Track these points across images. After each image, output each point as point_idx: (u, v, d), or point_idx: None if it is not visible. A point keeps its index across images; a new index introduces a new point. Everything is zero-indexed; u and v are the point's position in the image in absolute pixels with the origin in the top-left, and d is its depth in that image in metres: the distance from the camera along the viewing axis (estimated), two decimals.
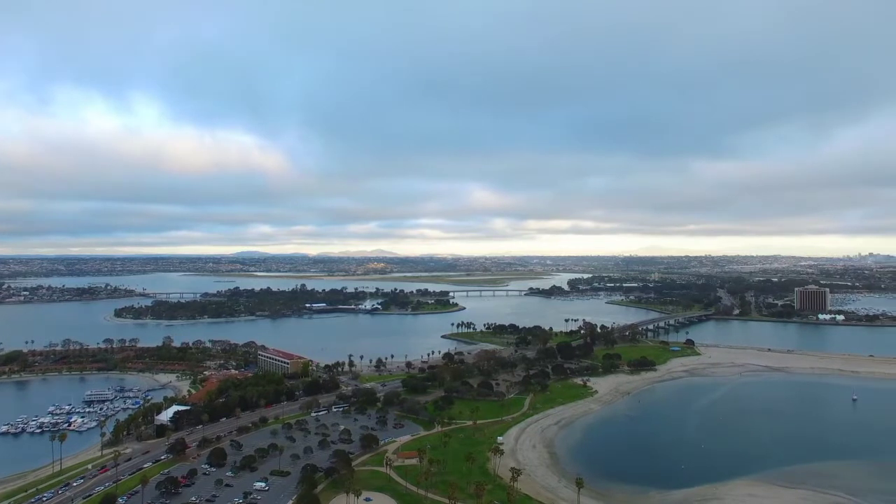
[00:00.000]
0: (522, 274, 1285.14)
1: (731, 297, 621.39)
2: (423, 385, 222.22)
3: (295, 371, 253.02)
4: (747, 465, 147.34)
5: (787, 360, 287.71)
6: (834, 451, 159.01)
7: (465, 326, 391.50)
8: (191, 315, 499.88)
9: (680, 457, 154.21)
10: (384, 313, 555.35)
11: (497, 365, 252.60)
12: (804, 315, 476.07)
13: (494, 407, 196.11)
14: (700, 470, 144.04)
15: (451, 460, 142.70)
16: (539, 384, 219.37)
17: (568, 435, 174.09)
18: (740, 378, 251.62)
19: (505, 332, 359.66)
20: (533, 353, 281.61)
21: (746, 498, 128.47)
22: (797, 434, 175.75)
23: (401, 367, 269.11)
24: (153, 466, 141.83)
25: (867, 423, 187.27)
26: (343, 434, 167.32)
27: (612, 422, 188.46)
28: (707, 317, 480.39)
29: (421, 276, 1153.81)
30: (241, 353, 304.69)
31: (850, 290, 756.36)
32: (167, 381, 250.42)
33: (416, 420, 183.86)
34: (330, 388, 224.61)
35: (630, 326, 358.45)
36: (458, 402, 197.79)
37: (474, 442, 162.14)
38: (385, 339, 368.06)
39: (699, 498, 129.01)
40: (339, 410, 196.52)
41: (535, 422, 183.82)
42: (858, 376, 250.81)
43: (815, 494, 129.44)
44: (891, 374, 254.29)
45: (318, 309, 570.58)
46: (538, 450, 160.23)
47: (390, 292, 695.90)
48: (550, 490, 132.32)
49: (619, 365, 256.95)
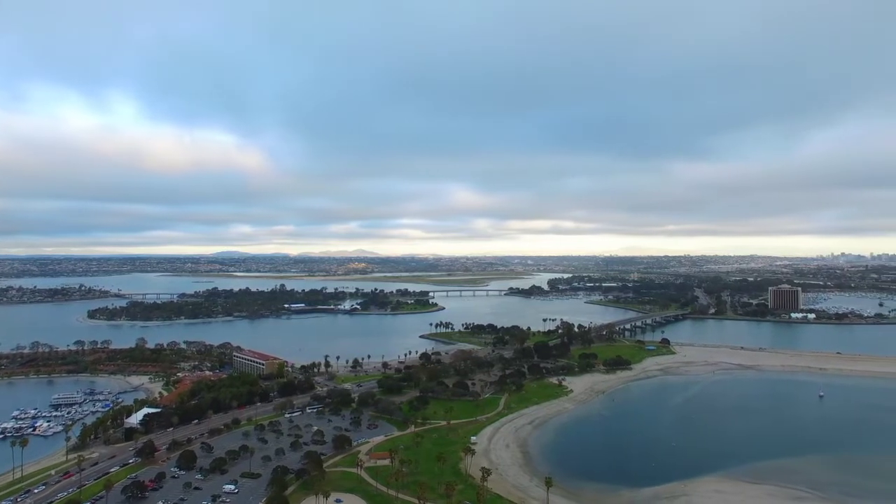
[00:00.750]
0: (503, 274, 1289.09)
1: (708, 296, 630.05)
2: (398, 385, 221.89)
3: (270, 372, 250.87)
4: (716, 462, 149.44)
5: (759, 357, 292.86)
6: (799, 446, 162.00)
7: (443, 326, 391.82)
8: (167, 316, 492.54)
9: (651, 455, 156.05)
10: (363, 313, 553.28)
11: (474, 365, 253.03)
12: (777, 314, 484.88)
13: (469, 407, 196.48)
14: (670, 467, 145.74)
15: (424, 460, 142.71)
16: (514, 384, 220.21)
17: (541, 434, 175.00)
18: (713, 376, 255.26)
19: (483, 331, 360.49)
20: (510, 352, 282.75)
21: (713, 494, 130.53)
22: (765, 431, 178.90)
23: (377, 367, 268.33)
24: (120, 471, 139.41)
25: (832, 419, 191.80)
26: (316, 435, 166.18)
27: (586, 421, 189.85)
28: (683, 316, 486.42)
29: (402, 277, 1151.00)
30: (217, 354, 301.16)
31: (822, 289, 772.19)
32: (140, 383, 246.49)
33: (391, 420, 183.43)
34: (305, 389, 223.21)
35: (607, 326, 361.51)
36: (434, 403, 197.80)
37: (448, 442, 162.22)
38: (363, 339, 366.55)
39: (668, 495, 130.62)
40: (313, 411, 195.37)
41: (510, 421, 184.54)
42: (826, 373, 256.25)
43: (778, 489, 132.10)
44: (856, 370, 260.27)
45: (296, 309, 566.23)
46: (511, 449, 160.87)
47: (370, 292, 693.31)
48: (522, 489, 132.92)
49: (595, 364, 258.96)
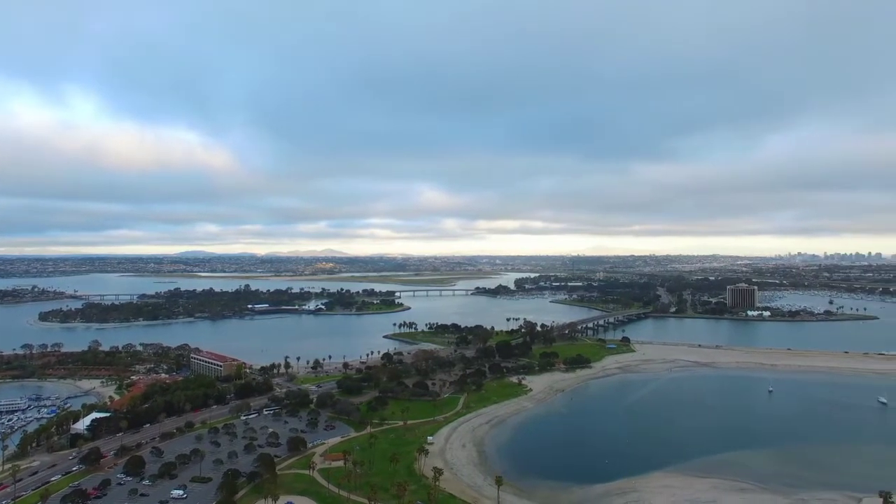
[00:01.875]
0: (471, 273, 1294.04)
1: (670, 295, 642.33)
2: (358, 386, 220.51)
3: (228, 374, 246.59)
4: (667, 457, 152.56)
5: (715, 355, 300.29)
6: (747, 440, 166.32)
7: (407, 326, 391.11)
8: (124, 318, 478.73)
9: (605, 452, 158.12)
10: (328, 314, 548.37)
11: (435, 365, 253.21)
12: (735, 312, 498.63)
13: (428, 407, 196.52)
14: (623, 464, 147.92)
15: (379, 461, 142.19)
16: (475, 383, 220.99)
17: (499, 433, 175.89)
18: (670, 373, 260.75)
19: (447, 331, 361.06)
20: (472, 352, 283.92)
21: (662, 489, 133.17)
22: (715, 426, 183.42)
23: (338, 368, 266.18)
24: (61, 479, 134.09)
25: (779, 413, 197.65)
26: (271, 437, 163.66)
27: (544, 419, 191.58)
28: (646, 315, 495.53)
29: (370, 277, 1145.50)
30: (174, 356, 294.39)
31: (778, 287, 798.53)
32: (91, 387, 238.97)
33: (348, 421, 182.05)
34: (263, 391, 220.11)
35: (569, 325, 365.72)
36: (393, 403, 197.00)
37: (404, 442, 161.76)
38: (327, 339, 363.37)
39: (618, 491, 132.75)
40: (269, 413, 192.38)
41: (467, 421, 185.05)
42: (776, 369, 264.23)
43: (724, 482, 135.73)
44: (804, 366, 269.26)
45: (260, 310, 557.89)
46: (468, 449, 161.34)
47: (336, 293, 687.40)
48: (475, 489, 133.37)
49: (556, 363, 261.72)
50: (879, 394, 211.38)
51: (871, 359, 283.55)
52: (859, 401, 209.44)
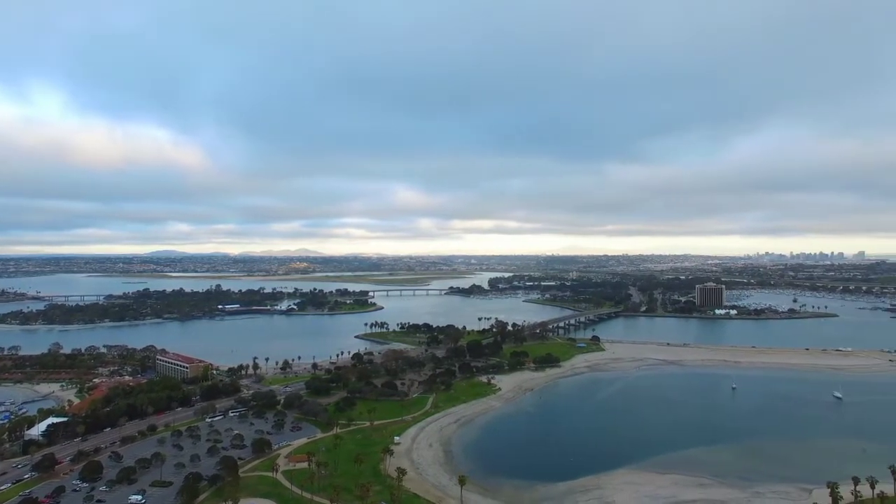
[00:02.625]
0: (446, 273, 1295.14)
1: (642, 294, 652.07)
2: (326, 386, 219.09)
3: (195, 375, 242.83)
4: (631, 454, 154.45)
5: (682, 353, 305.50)
6: (709, 436, 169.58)
7: (378, 326, 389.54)
8: (89, 319, 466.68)
9: (571, 450, 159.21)
10: (300, 314, 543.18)
11: (405, 364, 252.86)
12: (703, 310, 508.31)
13: (396, 407, 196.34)
14: (587, 462, 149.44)
15: (344, 462, 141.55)
16: (444, 383, 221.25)
17: (466, 433, 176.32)
18: (638, 372, 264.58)
19: (418, 331, 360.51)
20: (443, 352, 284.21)
21: (624, 486, 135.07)
22: (680, 423, 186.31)
23: (308, 368, 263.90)
24: (11, 488, 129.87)
25: (741, 409, 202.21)
26: (235, 439, 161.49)
27: (511, 418, 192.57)
28: (617, 314, 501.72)
29: (344, 276, 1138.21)
30: (139, 358, 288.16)
31: (745, 286, 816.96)
32: (49, 391, 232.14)
33: (315, 422, 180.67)
34: (230, 392, 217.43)
35: (540, 324, 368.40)
36: (361, 403, 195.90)
37: (371, 443, 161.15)
38: (298, 340, 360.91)
39: (581, 489, 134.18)
40: (235, 415, 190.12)
41: (435, 420, 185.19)
42: (740, 366, 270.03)
43: (684, 478, 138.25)
44: (766, 363, 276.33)
45: (230, 310, 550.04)
46: (434, 448, 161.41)
47: (309, 292, 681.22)
48: (440, 488, 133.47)
49: (526, 362, 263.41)
50: (835, 389, 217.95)
51: (829, 355, 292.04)
52: (816, 396, 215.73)
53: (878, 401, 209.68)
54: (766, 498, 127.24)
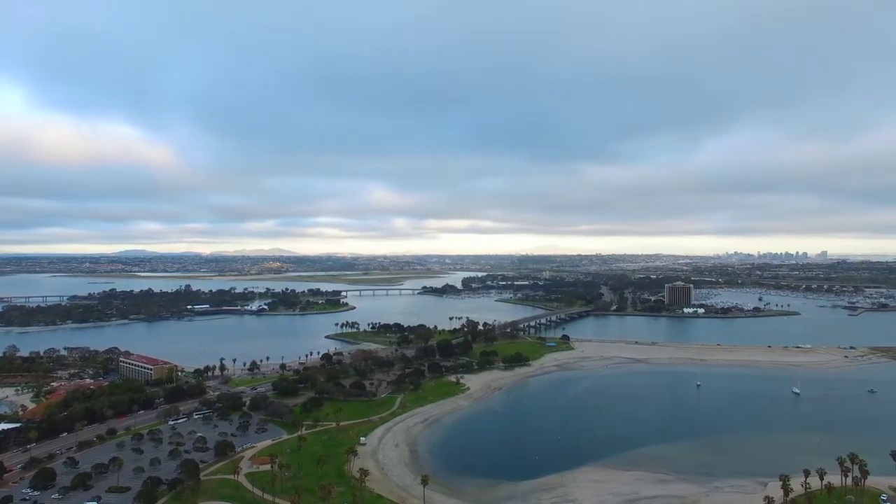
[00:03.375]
0: (420, 273, 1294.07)
1: (613, 293, 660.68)
2: (294, 387, 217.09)
3: (159, 377, 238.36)
4: (595, 452, 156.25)
5: (650, 351, 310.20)
6: (673, 433, 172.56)
7: (349, 326, 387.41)
8: (50, 321, 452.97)
9: (536, 448, 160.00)
10: (271, 314, 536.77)
11: (374, 364, 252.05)
12: (672, 309, 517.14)
13: (364, 407, 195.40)
14: (552, 460, 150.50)
15: (309, 464, 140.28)
16: (412, 383, 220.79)
17: (433, 433, 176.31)
18: (606, 370, 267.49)
19: (389, 331, 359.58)
20: (413, 351, 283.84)
21: (588, 483, 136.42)
22: (645, 420, 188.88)
23: (276, 369, 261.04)
24: None
25: (705, 406, 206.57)
26: (198, 442, 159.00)
27: (479, 418, 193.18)
28: (587, 313, 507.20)
29: (317, 276, 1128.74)
30: (102, 360, 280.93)
31: (714, 285, 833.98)
32: (2, 396, 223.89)
33: (281, 423, 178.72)
34: (195, 394, 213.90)
35: (511, 324, 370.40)
36: (328, 404, 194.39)
37: (337, 443, 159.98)
38: (268, 340, 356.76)
39: (545, 487, 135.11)
40: (199, 417, 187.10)
41: (403, 420, 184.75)
42: (705, 364, 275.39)
43: (647, 474, 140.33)
44: (730, 360, 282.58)
45: (200, 311, 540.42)
46: (400, 448, 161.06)
47: (280, 292, 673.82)
48: (404, 488, 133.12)
49: (495, 361, 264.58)
50: (794, 385, 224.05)
51: (789, 352, 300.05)
52: (776, 392, 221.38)
53: (832, 395, 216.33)
54: (723, 492, 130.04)
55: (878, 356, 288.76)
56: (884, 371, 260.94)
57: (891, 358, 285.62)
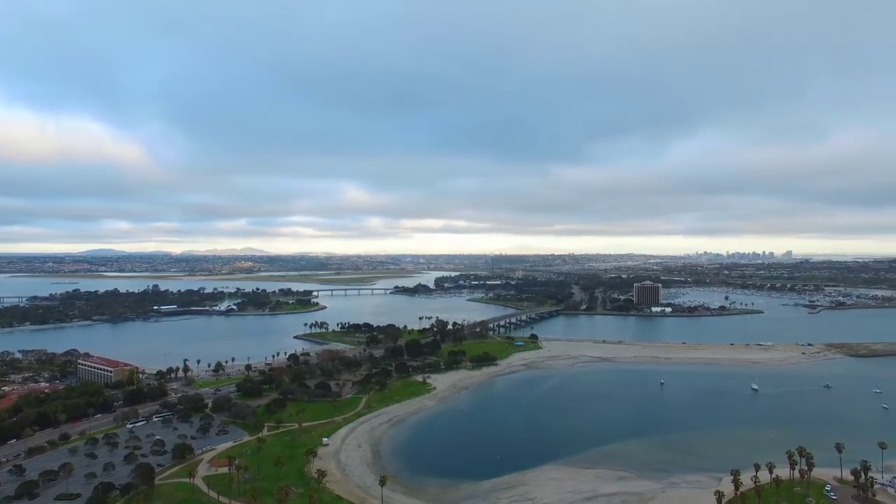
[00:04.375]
0: (393, 272, 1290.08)
1: (584, 293, 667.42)
2: (258, 388, 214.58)
3: (119, 380, 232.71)
4: (557, 450, 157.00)
5: (616, 350, 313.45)
6: (634, 431, 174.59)
7: (318, 326, 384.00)
8: (7, 322, 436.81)
9: (499, 447, 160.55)
10: (240, 314, 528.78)
11: (341, 365, 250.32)
12: (641, 308, 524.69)
13: (328, 408, 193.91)
14: (514, 459, 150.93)
15: (269, 465, 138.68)
16: (378, 383, 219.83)
17: (397, 433, 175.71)
18: (572, 369, 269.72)
19: (358, 331, 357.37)
20: (381, 351, 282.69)
21: (548, 482, 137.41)
22: (608, 418, 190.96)
23: (242, 370, 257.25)
24: None
25: (667, 404, 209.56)
26: (156, 445, 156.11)
27: (443, 417, 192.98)
28: (558, 312, 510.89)
29: (289, 276, 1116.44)
30: (59, 363, 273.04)
31: (683, 284, 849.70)
32: None
33: (243, 425, 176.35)
34: (156, 397, 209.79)
35: (480, 323, 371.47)
36: (293, 405, 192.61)
37: (299, 444, 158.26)
38: (236, 341, 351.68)
39: (505, 486, 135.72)
40: (159, 420, 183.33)
41: (367, 421, 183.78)
42: (670, 362, 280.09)
43: (606, 472, 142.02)
44: (694, 358, 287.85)
45: (167, 311, 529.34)
46: (363, 449, 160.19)
47: (251, 292, 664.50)
48: (364, 489, 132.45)
49: (463, 361, 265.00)
50: (752, 381, 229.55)
51: (750, 349, 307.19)
52: (736, 389, 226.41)
53: (789, 391, 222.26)
54: (679, 488, 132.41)
55: (833, 352, 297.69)
56: (838, 367, 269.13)
57: (845, 354, 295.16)
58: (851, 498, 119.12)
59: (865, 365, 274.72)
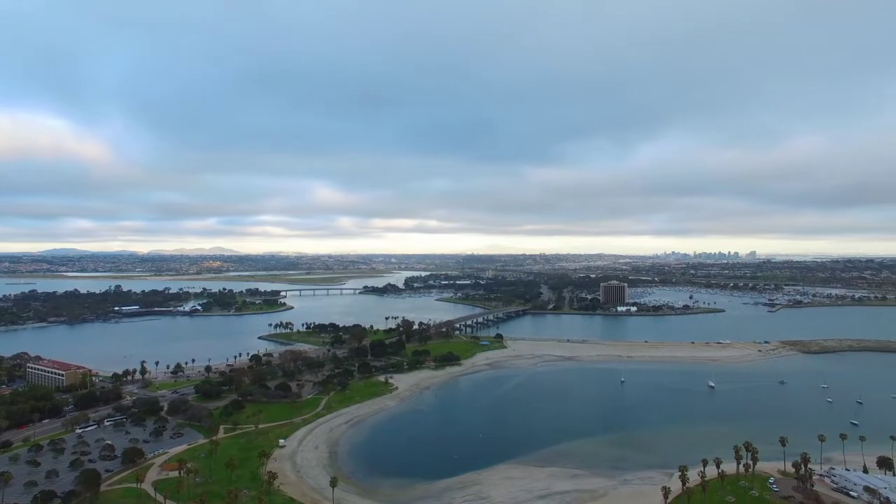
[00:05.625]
0: (364, 272, 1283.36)
1: (552, 292, 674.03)
2: (217, 390, 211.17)
3: (72, 383, 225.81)
4: (514, 449, 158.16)
5: (580, 349, 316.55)
6: (592, 429, 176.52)
7: (284, 327, 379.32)
8: None
9: (457, 447, 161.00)
10: (205, 315, 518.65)
11: (304, 365, 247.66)
12: (607, 307, 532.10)
13: (287, 409, 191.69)
14: (470, 458, 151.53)
15: (223, 468, 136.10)
16: (340, 383, 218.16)
17: (355, 433, 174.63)
18: (535, 368, 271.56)
19: (324, 331, 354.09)
20: (345, 351, 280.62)
21: (503, 481, 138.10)
22: (567, 417, 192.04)
23: (202, 371, 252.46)
24: None
25: (626, 402, 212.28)
26: (105, 450, 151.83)
27: (403, 417, 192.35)
28: (525, 311, 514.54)
29: (258, 276, 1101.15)
30: (7, 367, 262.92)
31: (650, 284, 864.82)
32: None
33: (199, 428, 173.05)
34: (110, 400, 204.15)
35: (447, 323, 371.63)
36: (251, 406, 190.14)
37: (255, 446, 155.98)
38: (199, 342, 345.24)
39: (460, 485, 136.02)
40: (111, 424, 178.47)
41: (327, 422, 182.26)
42: (631, 360, 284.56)
43: (560, 470, 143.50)
44: (655, 356, 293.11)
45: (128, 312, 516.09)
46: (320, 450, 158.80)
47: (217, 292, 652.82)
48: (318, 491, 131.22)
49: (426, 361, 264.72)
50: (710, 379, 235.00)
51: (710, 347, 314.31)
52: (693, 386, 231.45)
53: (743, 388, 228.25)
54: (631, 484, 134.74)
55: (787, 350, 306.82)
56: (792, 363, 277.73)
57: (798, 351, 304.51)
58: (792, 489, 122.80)
59: (816, 361, 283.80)
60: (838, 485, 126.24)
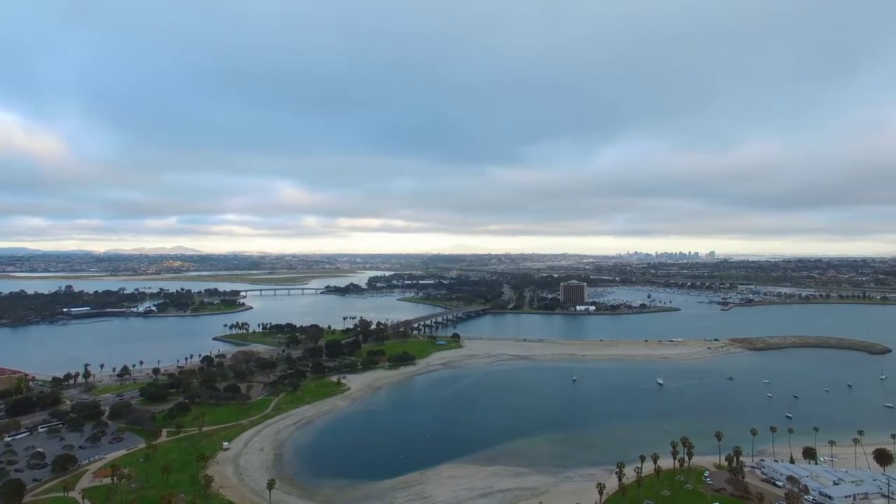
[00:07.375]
0: (328, 272, 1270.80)
1: (514, 291, 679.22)
2: (164, 392, 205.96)
3: (6, 388, 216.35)
4: (459, 449, 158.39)
5: (535, 348, 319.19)
6: (539, 427, 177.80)
7: (240, 328, 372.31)
8: None
9: (403, 447, 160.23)
10: (160, 316, 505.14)
11: (256, 366, 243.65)
12: (566, 307, 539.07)
13: (234, 411, 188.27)
14: (416, 458, 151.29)
15: (161, 474, 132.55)
16: (291, 384, 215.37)
17: (303, 434, 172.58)
18: (489, 367, 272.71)
19: (280, 331, 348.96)
20: (300, 352, 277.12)
21: (446, 480, 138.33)
22: (516, 415, 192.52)
23: (150, 374, 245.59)
24: None
25: (577, 400, 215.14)
26: (35, 458, 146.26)
27: (354, 418, 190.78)
28: (485, 311, 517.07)
29: (219, 276, 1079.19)
30: None
31: (610, 283, 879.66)
32: None
33: (140, 432, 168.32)
34: (47, 405, 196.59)
35: (404, 322, 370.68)
36: (197, 408, 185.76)
37: (198, 450, 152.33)
38: (151, 343, 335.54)
39: (403, 485, 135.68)
40: (45, 430, 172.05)
41: (274, 423, 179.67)
42: (585, 359, 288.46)
43: (504, 468, 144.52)
44: (608, 355, 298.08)
45: (78, 314, 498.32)
46: (265, 452, 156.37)
47: (174, 293, 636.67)
48: (259, 493, 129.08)
49: (380, 361, 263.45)
50: (659, 376, 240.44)
51: (662, 346, 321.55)
52: (642, 383, 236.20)
53: (690, 385, 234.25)
54: (573, 481, 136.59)
55: (735, 347, 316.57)
56: (738, 360, 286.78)
57: (745, 348, 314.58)
58: (725, 482, 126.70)
59: (761, 358, 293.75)
60: (766, 475, 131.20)
